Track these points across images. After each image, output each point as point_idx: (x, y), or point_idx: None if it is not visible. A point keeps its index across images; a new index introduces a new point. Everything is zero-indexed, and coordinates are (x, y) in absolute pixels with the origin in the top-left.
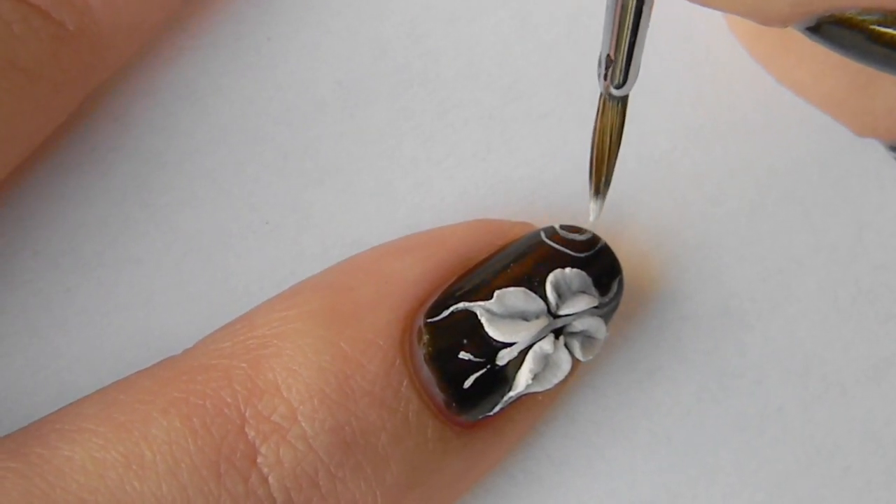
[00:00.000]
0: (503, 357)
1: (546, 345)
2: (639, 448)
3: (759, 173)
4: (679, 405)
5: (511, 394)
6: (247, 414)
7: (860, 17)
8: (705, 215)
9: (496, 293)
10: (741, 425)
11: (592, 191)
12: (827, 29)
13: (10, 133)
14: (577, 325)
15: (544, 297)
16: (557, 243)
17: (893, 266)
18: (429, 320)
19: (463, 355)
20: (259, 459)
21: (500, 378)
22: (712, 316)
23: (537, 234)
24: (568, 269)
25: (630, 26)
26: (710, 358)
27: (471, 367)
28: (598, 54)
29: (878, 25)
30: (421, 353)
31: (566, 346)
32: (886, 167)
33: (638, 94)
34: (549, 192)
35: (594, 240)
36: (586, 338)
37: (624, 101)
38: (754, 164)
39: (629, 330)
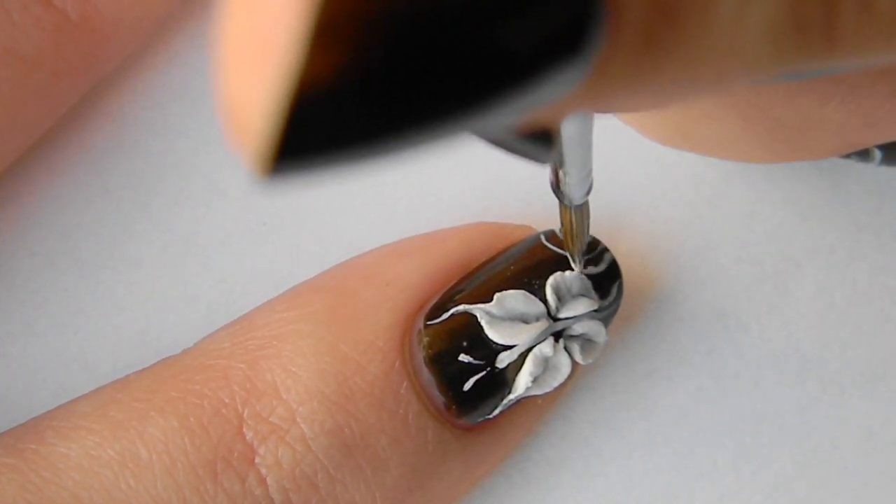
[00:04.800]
0: (503, 360)
1: (546, 348)
2: (636, 449)
3: (756, 174)
4: (677, 406)
5: (511, 396)
6: (245, 414)
7: None
8: (702, 216)
9: (496, 296)
10: (739, 426)
11: (570, 258)
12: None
13: (10, 122)
14: (577, 329)
15: (544, 300)
16: (557, 246)
17: (891, 268)
18: (429, 322)
19: (463, 358)
20: (257, 460)
21: (500, 381)
22: (710, 317)
23: (537, 237)
24: (568, 273)
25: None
26: (708, 359)
27: (471, 370)
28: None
29: None
30: (421, 355)
31: (566, 349)
32: (884, 169)
33: None
34: (549, 195)
35: (594, 243)
36: (586, 341)
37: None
38: (751, 166)
39: (626, 331)
